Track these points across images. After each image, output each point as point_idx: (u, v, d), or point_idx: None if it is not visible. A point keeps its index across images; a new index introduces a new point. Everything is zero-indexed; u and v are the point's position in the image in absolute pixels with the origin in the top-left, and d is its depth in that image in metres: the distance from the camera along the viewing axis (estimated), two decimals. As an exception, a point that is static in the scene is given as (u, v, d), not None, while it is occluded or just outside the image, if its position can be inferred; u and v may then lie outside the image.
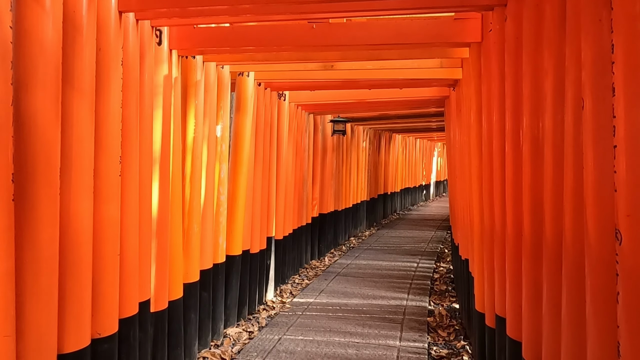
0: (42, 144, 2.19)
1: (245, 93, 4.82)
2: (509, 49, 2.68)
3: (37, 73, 2.16)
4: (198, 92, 3.98)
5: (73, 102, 2.41)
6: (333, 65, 4.50)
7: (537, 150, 2.29)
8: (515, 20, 2.57)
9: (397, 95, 6.12)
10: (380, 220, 13.50)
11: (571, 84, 1.83)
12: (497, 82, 2.95)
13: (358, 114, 8.64)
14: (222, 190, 4.62)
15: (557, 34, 2.04)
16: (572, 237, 1.81)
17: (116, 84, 2.72)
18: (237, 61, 4.29)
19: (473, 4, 2.84)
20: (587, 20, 1.64)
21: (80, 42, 2.42)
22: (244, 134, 4.85)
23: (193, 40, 3.50)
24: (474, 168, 3.91)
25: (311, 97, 6.44)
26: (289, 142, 6.36)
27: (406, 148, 16.22)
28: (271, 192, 5.77)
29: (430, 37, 3.26)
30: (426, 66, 4.46)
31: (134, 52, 2.95)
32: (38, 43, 2.15)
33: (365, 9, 2.90)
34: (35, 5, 2.13)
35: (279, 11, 2.99)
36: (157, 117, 3.33)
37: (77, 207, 2.46)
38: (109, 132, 2.68)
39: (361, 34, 3.30)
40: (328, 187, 8.63)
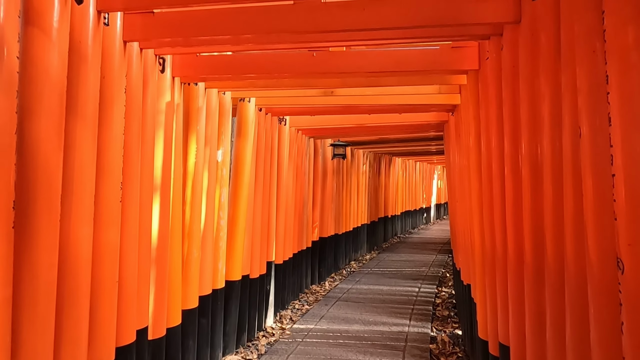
0: (44, 171, 2.20)
1: (246, 118, 4.87)
2: (506, 76, 2.73)
3: (42, 101, 2.19)
4: (200, 118, 4.02)
5: (76, 129, 2.44)
6: (333, 91, 4.57)
7: (536, 174, 2.30)
8: (512, 48, 2.62)
9: (397, 120, 6.19)
10: (381, 243, 13.41)
11: (568, 111, 1.86)
12: (495, 107, 2.99)
13: (358, 137, 8.71)
14: (222, 215, 4.61)
15: (552, 61, 2.08)
16: (574, 264, 1.80)
17: (119, 111, 2.76)
18: (239, 87, 4.36)
19: (470, 34, 2.91)
20: (582, 51, 1.68)
21: (85, 70, 2.46)
22: (245, 158, 4.88)
23: (196, 68, 3.57)
24: (474, 192, 3.92)
25: (311, 121, 6.51)
26: (289, 166, 6.39)
27: (406, 171, 16.27)
28: (271, 216, 5.76)
29: (429, 64, 3.32)
30: (425, 92, 4.52)
31: (137, 79, 3.00)
32: (44, 72, 2.19)
33: (364, 38, 2.97)
34: (42, 35, 2.18)
35: (280, 40, 3.06)
36: (159, 143, 3.36)
37: (77, 234, 2.46)
38: (110, 158, 2.70)
39: (360, 62, 3.36)
40: (328, 211, 8.62)
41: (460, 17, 2.49)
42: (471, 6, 2.46)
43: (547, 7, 2.12)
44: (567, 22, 1.88)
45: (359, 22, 2.55)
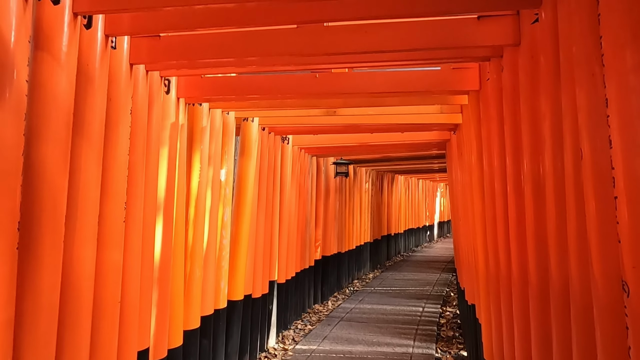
0: (49, 192, 2.22)
1: (250, 137, 4.91)
2: (507, 96, 2.76)
3: (49, 123, 2.23)
4: (204, 138, 4.06)
5: (82, 150, 2.46)
6: (336, 111, 4.62)
7: (538, 193, 2.31)
8: (512, 70, 2.66)
9: (399, 139, 6.22)
10: (384, 262, 13.31)
11: (569, 131, 1.87)
12: (497, 126, 3.01)
13: (360, 156, 8.74)
14: (225, 234, 4.60)
15: (552, 82, 2.11)
16: (579, 285, 1.78)
17: (124, 132, 2.79)
18: (243, 108, 4.42)
19: (470, 56, 2.95)
20: (581, 73, 1.70)
21: (92, 93, 2.50)
22: (248, 177, 4.90)
23: (200, 89, 3.62)
24: (477, 210, 3.91)
25: (314, 140, 6.56)
26: (292, 184, 6.41)
27: (409, 189, 16.25)
28: (274, 234, 5.75)
29: (430, 85, 3.36)
30: (426, 112, 4.57)
31: (142, 101, 3.05)
32: (52, 95, 2.23)
33: (366, 60, 3.02)
34: (51, 59, 2.23)
35: (283, 62, 3.11)
36: (163, 163, 3.38)
37: (80, 254, 2.46)
38: (115, 179, 2.72)
39: (363, 83, 3.41)
40: (331, 229, 8.59)
41: (461, 40, 2.53)
42: (471, 29, 2.50)
43: (546, 31, 2.16)
44: (566, 45, 1.91)
45: (361, 45, 2.60)
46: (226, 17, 2.48)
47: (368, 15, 2.38)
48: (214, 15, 2.49)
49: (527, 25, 2.37)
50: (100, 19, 2.52)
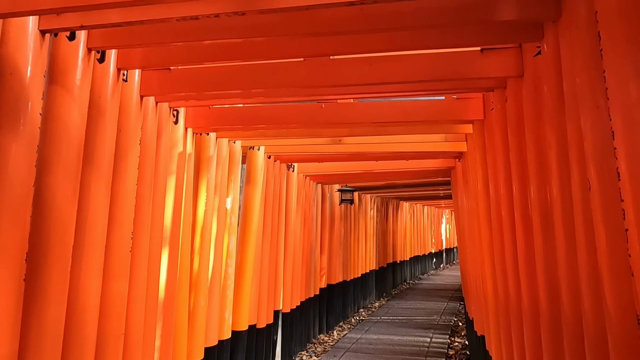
0: (58, 223, 2.23)
1: (256, 166, 4.95)
2: (512, 125, 2.78)
3: (60, 155, 2.26)
4: (210, 167, 4.10)
5: (91, 181, 2.49)
6: (341, 139, 4.66)
7: (547, 222, 2.29)
8: (516, 100, 2.69)
9: (404, 166, 6.24)
10: (390, 290, 13.10)
11: (575, 162, 1.88)
12: (502, 155, 3.02)
13: (365, 183, 8.76)
14: (230, 263, 4.58)
15: (556, 113, 2.13)
16: (592, 316, 1.75)
17: (133, 163, 2.83)
18: (249, 137, 4.47)
19: (474, 87, 3.00)
20: (585, 105, 1.72)
21: (102, 124, 2.55)
22: (254, 205, 4.91)
23: (208, 119, 3.68)
24: (484, 238, 3.88)
25: (319, 167, 6.59)
26: (297, 212, 6.40)
27: (414, 215, 16.16)
28: (279, 263, 5.70)
29: (434, 115, 3.40)
30: (431, 140, 4.60)
31: (151, 131, 3.10)
32: (64, 127, 2.28)
33: (371, 91, 3.07)
34: (65, 93, 2.29)
35: (290, 94, 3.18)
36: (170, 192, 3.41)
37: (85, 284, 2.45)
38: (123, 209, 2.74)
39: (368, 113, 3.46)
40: (336, 257, 8.51)
41: (465, 72, 2.58)
42: (475, 62, 2.55)
43: (549, 63, 2.20)
44: (569, 77, 1.94)
45: (366, 77, 2.65)
46: (234, 50, 2.55)
47: (373, 48, 2.44)
48: (222, 49, 2.56)
49: (530, 57, 2.42)
50: (112, 54, 2.59)
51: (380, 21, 2.07)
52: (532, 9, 1.98)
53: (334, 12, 2.09)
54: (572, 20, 1.84)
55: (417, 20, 2.04)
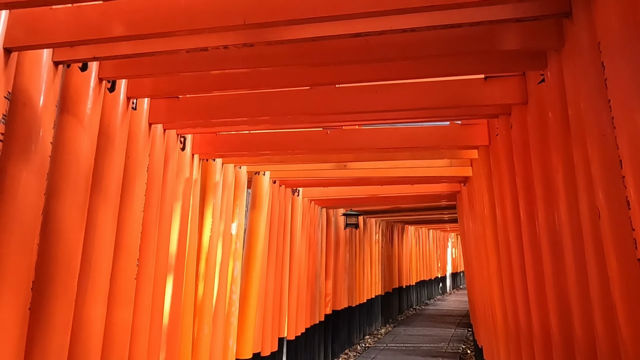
0: (64, 252, 2.23)
1: (261, 191, 4.96)
2: (517, 151, 2.79)
3: (69, 183, 2.28)
4: (216, 192, 4.11)
5: (98, 209, 2.50)
6: (346, 164, 4.68)
7: (556, 246, 2.26)
8: (521, 126, 2.71)
9: (409, 191, 6.23)
10: (397, 316, 12.87)
11: (583, 189, 1.87)
12: (508, 180, 3.02)
13: (370, 207, 8.73)
14: (235, 289, 4.53)
15: (562, 139, 2.14)
16: (607, 346, 1.70)
17: (140, 189, 2.85)
18: (255, 162, 4.51)
19: (478, 114, 3.02)
20: (592, 133, 1.73)
21: (111, 152, 2.58)
22: (259, 230, 4.90)
23: (214, 146, 3.72)
24: (492, 263, 3.83)
25: (324, 192, 6.59)
26: (302, 237, 6.37)
27: (419, 239, 16.02)
28: (284, 289, 5.64)
29: (439, 141, 3.42)
30: (436, 165, 4.61)
31: (159, 158, 3.13)
32: (74, 155, 2.31)
33: (376, 118, 3.10)
34: (76, 122, 2.33)
35: (295, 121, 3.21)
36: (176, 218, 3.41)
37: (90, 312, 2.42)
38: (129, 236, 2.74)
39: (373, 139, 3.48)
40: (341, 282, 8.41)
41: (469, 100, 2.61)
42: (479, 89, 2.58)
43: (553, 90, 2.22)
44: (574, 105, 1.96)
45: (371, 104, 2.68)
46: (242, 79, 2.60)
47: (377, 77, 2.48)
48: (230, 78, 2.61)
49: (534, 85, 2.45)
50: (123, 83, 2.65)
51: (384, 51, 2.11)
52: (535, 39, 2.01)
53: (339, 43, 2.13)
54: (575, 50, 1.86)
55: (421, 50, 2.08)
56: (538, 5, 1.77)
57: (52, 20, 1.95)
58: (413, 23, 1.80)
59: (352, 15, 1.69)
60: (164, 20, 1.82)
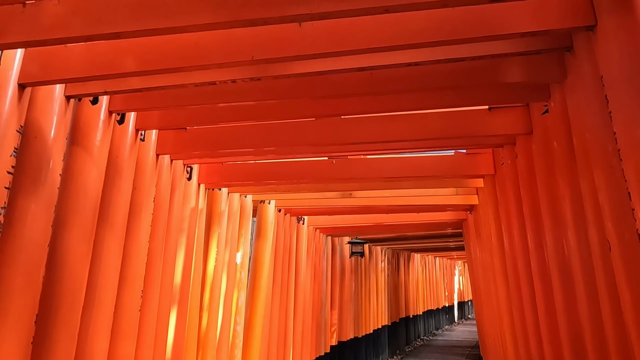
0: (70, 284, 2.22)
1: (266, 220, 4.95)
2: (523, 180, 2.78)
3: (77, 214, 2.29)
4: (221, 221, 4.11)
5: (104, 240, 2.50)
6: (351, 193, 4.68)
7: (566, 276, 2.23)
8: (526, 156, 2.71)
9: (414, 219, 6.20)
10: (404, 347, 12.54)
11: (592, 220, 1.85)
12: (515, 209, 3.00)
13: (375, 235, 8.66)
14: (239, 320, 4.45)
15: (568, 168, 2.14)
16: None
17: (146, 220, 2.85)
18: (260, 191, 4.52)
19: (483, 143, 3.04)
20: (598, 165, 1.73)
21: (119, 183, 2.60)
22: (264, 260, 4.86)
23: (220, 175, 3.75)
24: (501, 293, 3.76)
25: (329, 220, 6.57)
26: (307, 265, 6.30)
27: (426, 267, 15.79)
28: (289, 319, 5.54)
29: (444, 170, 3.43)
30: (442, 194, 4.60)
31: (165, 188, 3.15)
32: (82, 187, 2.33)
33: (381, 148, 3.13)
34: (85, 154, 2.36)
35: (300, 151, 3.24)
36: (181, 248, 3.40)
37: (93, 346, 2.38)
38: (134, 267, 2.72)
39: (378, 168, 3.50)
40: (347, 312, 8.25)
41: (473, 130, 2.63)
42: (483, 120, 2.61)
43: (557, 120, 2.24)
44: (579, 135, 1.97)
45: (376, 135, 2.71)
46: (248, 111, 2.64)
47: (382, 109, 2.52)
48: (237, 110, 2.65)
49: (538, 115, 2.47)
50: (132, 115, 2.70)
51: (389, 84, 2.15)
52: (538, 72, 2.04)
53: (345, 76, 2.17)
54: (578, 82, 1.89)
55: (425, 83, 2.12)
56: (540, 40, 1.81)
57: (66, 57, 2.01)
58: (417, 57, 1.84)
59: (357, 51, 1.73)
60: (174, 56, 1.87)
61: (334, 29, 1.71)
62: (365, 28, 1.70)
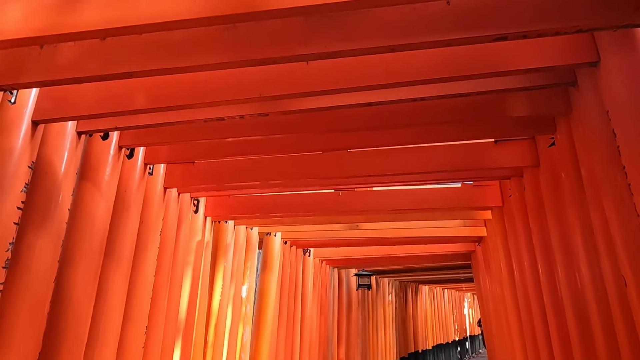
0: (74, 321, 2.18)
1: (272, 252, 4.91)
2: (532, 211, 2.76)
3: (84, 249, 2.29)
4: (227, 254, 4.08)
5: (110, 275, 2.48)
6: (358, 225, 4.66)
7: (580, 309, 2.17)
8: (534, 188, 2.70)
9: (422, 250, 6.12)
10: (413, 383, 12.10)
11: (605, 253, 1.82)
12: (525, 241, 2.96)
13: (382, 266, 8.54)
14: (244, 356, 4.34)
15: (578, 200, 2.12)
16: None
17: (152, 254, 2.84)
18: (266, 223, 4.51)
19: (489, 176, 3.03)
20: (609, 199, 1.71)
21: (126, 217, 2.61)
22: (269, 293, 4.78)
23: (227, 208, 3.75)
24: (513, 327, 3.66)
25: (336, 252, 6.50)
26: (313, 298, 6.19)
27: (434, 300, 15.45)
28: (294, 355, 5.39)
29: (451, 202, 3.41)
30: (449, 225, 4.56)
31: (172, 221, 3.15)
32: (90, 222, 2.33)
33: (388, 181, 3.13)
34: (94, 189, 2.38)
35: (307, 184, 3.25)
36: (187, 282, 3.36)
37: (94, 386, 2.33)
38: (139, 303, 2.69)
39: (385, 201, 3.49)
40: (354, 347, 8.03)
41: (479, 163, 2.63)
42: (489, 152, 2.61)
43: (564, 153, 2.23)
44: (587, 167, 1.96)
45: (383, 168, 2.72)
46: (255, 145, 2.67)
47: (388, 142, 2.53)
48: (244, 144, 2.68)
49: (545, 147, 2.47)
50: (141, 150, 2.73)
51: (395, 118, 2.17)
52: (543, 106, 2.06)
53: (351, 111, 2.20)
54: (584, 116, 1.90)
55: (431, 117, 2.14)
56: (544, 75, 1.83)
57: (79, 94, 2.06)
58: (422, 93, 1.87)
59: (364, 88, 1.76)
60: (184, 94, 1.92)
61: (341, 66, 1.75)
62: (372, 65, 1.74)
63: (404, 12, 1.44)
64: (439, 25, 1.42)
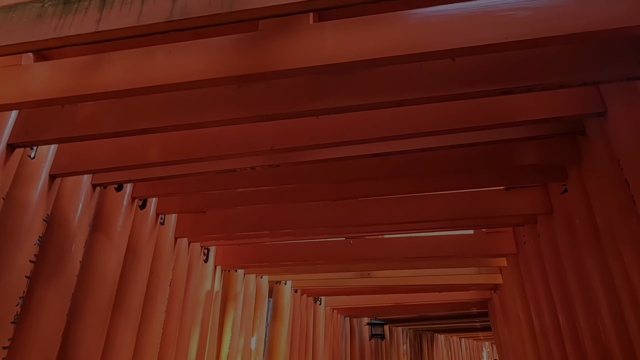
0: (80, 377, 2.13)
1: (282, 301, 4.80)
2: (548, 258, 2.69)
3: (92, 301, 2.26)
4: (237, 304, 4.00)
5: (118, 327, 2.44)
6: (370, 273, 4.57)
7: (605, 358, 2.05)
8: (548, 234, 2.65)
9: (436, 298, 5.94)
10: None
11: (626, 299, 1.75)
12: (542, 287, 2.87)
13: (396, 315, 8.27)
14: (253, 414, 4.14)
15: (594, 245, 2.07)
16: None
17: (162, 305, 2.79)
18: (277, 272, 4.45)
19: (502, 223, 3.00)
20: (627, 246, 1.67)
21: (136, 268, 2.60)
22: (279, 344, 4.63)
23: (237, 257, 3.72)
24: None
25: (347, 301, 6.34)
26: (324, 348, 5.97)
27: (451, 349, 14.78)
28: (306, 412, 5.13)
29: (465, 250, 3.35)
30: (463, 273, 4.45)
31: (182, 271, 3.12)
32: (100, 274, 2.32)
33: (399, 229, 3.10)
34: (106, 240, 2.39)
35: (317, 233, 3.23)
36: (195, 334, 3.28)
37: None
38: (147, 356, 2.62)
39: (396, 248, 3.44)
40: (368, 402, 7.63)
41: (492, 210, 2.61)
42: (501, 200, 2.59)
43: (577, 200, 2.21)
44: (602, 215, 1.93)
45: (393, 216, 2.70)
46: (266, 195, 2.69)
47: (398, 191, 2.53)
48: (255, 195, 2.70)
49: (557, 194, 2.45)
50: (153, 201, 2.77)
51: (405, 168, 2.19)
52: (553, 155, 2.06)
53: (361, 161, 2.23)
54: (595, 165, 1.89)
55: (441, 167, 2.15)
56: (552, 125, 1.85)
57: (95, 149, 2.12)
58: (432, 143, 1.89)
59: (372, 140, 1.79)
60: (197, 147, 1.96)
61: (350, 119, 1.79)
62: (380, 117, 1.77)
63: (411, 69, 1.48)
64: (445, 80, 1.46)
